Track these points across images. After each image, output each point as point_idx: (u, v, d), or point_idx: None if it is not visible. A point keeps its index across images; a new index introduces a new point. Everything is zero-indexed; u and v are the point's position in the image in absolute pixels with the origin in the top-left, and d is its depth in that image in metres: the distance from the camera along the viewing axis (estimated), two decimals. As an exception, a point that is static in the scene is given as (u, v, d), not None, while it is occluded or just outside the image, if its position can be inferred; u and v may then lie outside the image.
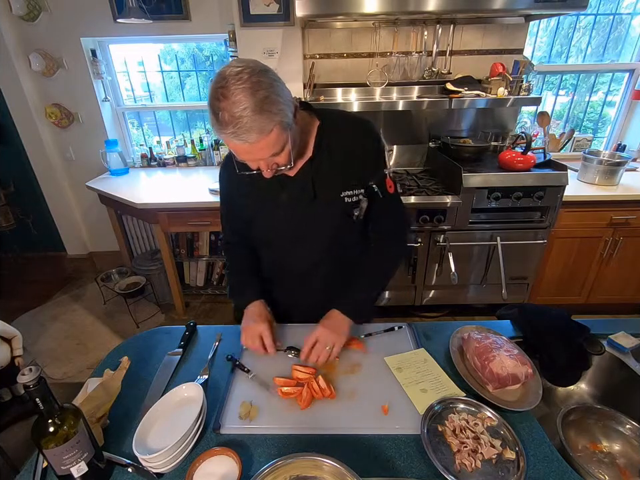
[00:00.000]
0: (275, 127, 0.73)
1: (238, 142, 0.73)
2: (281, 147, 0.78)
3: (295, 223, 0.98)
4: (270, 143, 0.75)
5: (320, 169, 0.93)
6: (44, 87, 2.60)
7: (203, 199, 2.17)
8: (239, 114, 0.69)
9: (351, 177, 0.95)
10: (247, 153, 0.78)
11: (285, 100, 0.75)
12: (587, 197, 2.09)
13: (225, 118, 0.70)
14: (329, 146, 0.93)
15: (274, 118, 0.72)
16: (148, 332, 1.14)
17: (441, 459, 0.71)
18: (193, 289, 2.84)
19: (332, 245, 1.01)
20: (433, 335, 1.07)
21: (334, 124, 0.94)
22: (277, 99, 0.72)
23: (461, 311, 2.56)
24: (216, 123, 0.72)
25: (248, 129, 0.70)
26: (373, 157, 0.96)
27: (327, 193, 0.94)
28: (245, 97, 0.69)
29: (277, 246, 1.07)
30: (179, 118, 2.97)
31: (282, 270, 1.11)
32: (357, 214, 0.97)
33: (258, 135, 0.72)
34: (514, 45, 2.31)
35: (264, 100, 0.70)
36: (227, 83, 0.69)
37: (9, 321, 0.85)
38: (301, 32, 2.22)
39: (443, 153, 2.30)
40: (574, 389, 1.04)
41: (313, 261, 1.05)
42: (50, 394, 0.62)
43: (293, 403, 0.86)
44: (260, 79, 0.70)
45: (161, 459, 0.69)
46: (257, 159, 0.81)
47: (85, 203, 2.98)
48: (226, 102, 0.69)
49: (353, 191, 0.95)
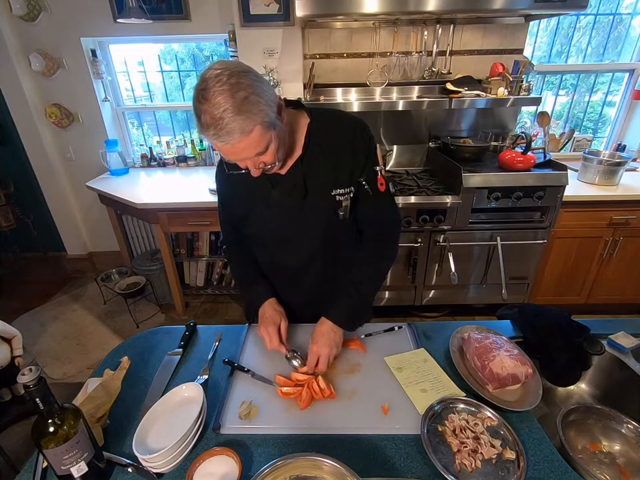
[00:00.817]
0: (255, 127, 0.73)
1: (220, 143, 0.74)
2: (264, 146, 0.78)
3: (285, 221, 0.99)
4: (252, 143, 0.76)
5: (310, 167, 0.93)
6: (44, 86, 2.60)
7: (202, 199, 2.17)
8: (219, 115, 0.70)
9: (341, 176, 0.94)
10: (231, 153, 0.79)
11: (267, 100, 0.75)
12: (586, 197, 2.09)
13: (207, 120, 0.71)
14: (319, 144, 0.93)
15: (254, 118, 0.72)
16: (148, 332, 1.14)
17: (440, 459, 0.71)
18: (193, 289, 2.84)
19: (323, 243, 1.01)
20: (432, 335, 1.07)
21: (324, 122, 0.94)
22: (256, 99, 0.72)
23: (461, 311, 2.56)
24: (199, 125, 0.73)
25: (228, 130, 0.71)
26: (364, 154, 0.95)
27: (318, 191, 0.95)
28: (224, 99, 0.69)
29: (269, 245, 1.07)
30: (179, 118, 2.97)
31: (274, 269, 1.11)
32: (342, 213, 0.97)
33: (239, 136, 0.72)
34: (514, 45, 2.31)
35: (243, 101, 0.70)
36: (207, 85, 0.70)
37: (9, 321, 0.85)
38: (301, 32, 2.22)
39: (443, 153, 2.30)
40: (574, 389, 1.04)
41: (304, 259, 1.05)
42: (50, 394, 0.62)
43: (293, 403, 0.86)
44: (239, 80, 0.71)
45: (160, 458, 0.69)
46: (242, 159, 0.81)
47: (85, 203, 2.98)
48: (207, 104, 0.70)
49: (344, 189, 0.95)
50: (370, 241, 1.06)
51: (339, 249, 1.05)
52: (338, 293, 1.02)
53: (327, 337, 0.95)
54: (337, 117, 0.98)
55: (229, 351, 1.03)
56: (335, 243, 1.03)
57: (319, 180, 0.94)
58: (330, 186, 0.94)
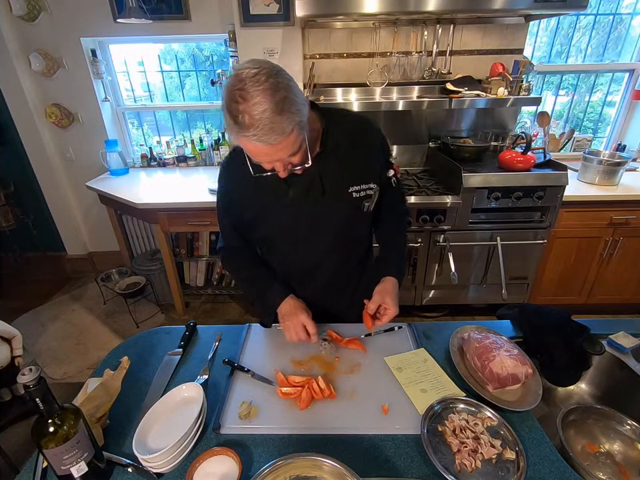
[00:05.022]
0: (294, 127, 0.73)
1: (259, 143, 0.72)
2: (298, 146, 0.79)
3: (301, 220, 0.99)
4: (289, 144, 0.76)
5: (326, 166, 0.94)
6: (44, 87, 2.60)
7: (202, 199, 2.17)
8: (259, 116, 0.69)
9: (357, 173, 0.97)
10: (266, 154, 0.77)
11: (301, 99, 0.75)
12: (586, 197, 2.09)
13: (246, 120, 0.69)
14: (334, 143, 0.94)
15: (293, 118, 0.72)
16: (148, 332, 1.14)
17: (440, 459, 0.71)
18: (192, 289, 2.84)
19: (337, 241, 1.03)
20: (432, 335, 1.07)
21: (337, 122, 0.96)
22: (294, 99, 0.72)
23: (461, 311, 2.56)
24: (235, 126, 0.72)
25: (269, 130, 0.70)
26: (381, 151, 1.01)
27: (335, 189, 0.96)
28: (265, 99, 0.69)
29: (281, 245, 1.06)
30: (179, 118, 2.97)
31: (284, 269, 1.11)
32: (367, 204, 1.00)
33: (279, 136, 0.72)
34: (514, 45, 2.31)
35: (283, 100, 0.70)
36: (245, 85, 0.69)
37: (9, 321, 0.85)
38: (301, 32, 2.22)
39: (443, 153, 2.30)
40: (574, 389, 1.04)
41: (318, 258, 1.05)
42: (50, 394, 0.62)
43: (293, 403, 0.86)
44: (277, 79, 0.70)
45: (160, 458, 0.69)
46: (275, 160, 0.80)
47: (85, 203, 2.97)
48: (245, 104, 0.69)
49: (360, 186, 0.97)
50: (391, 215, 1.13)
51: (354, 244, 1.08)
52: (385, 254, 1.11)
53: (397, 297, 1.01)
54: (348, 117, 1.01)
55: (229, 351, 1.03)
56: (349, 241, 1.05)
57: (335, 178, 0.96)
58: (346, 183, 0.96)
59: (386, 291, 1.01)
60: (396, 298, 1.00)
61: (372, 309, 0.99)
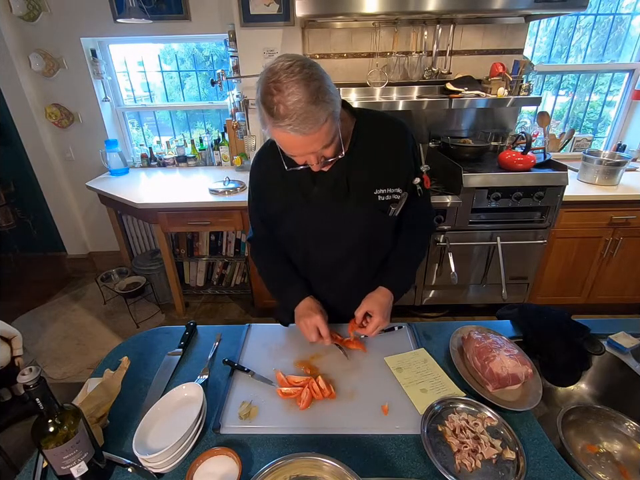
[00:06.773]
0: (328, 117, 0.74)
1: (293, 134, 0.73)
2: (331, 138, 0.79)
3: (324, 218, 0.98)
4: (323, 134, 0.76)
5: (354, 166, 0.94)
6: (44, 86, 2.60)
7: (202, 199, 2.17)
8: (293, 106, 0.70)
9: (385, 176, 0.96)
10: (300, 146, 0.78)
11: (334, 90, 0.76)
12: (586, 197, 2.09)
13: (281, 111, 0.71)
14: (364, 144, 0.94)
15: (327, 107, 0.73)
16: (148, 332, 1.14)
17: (440, 459, 0.71)
18: (193, 289, 2.84)
19: (360, 243, 1.02)
20: (432, 335, 1.07)
21: (370, 123, 0.96)
22: (328, 89, 0.74)
23: (461, 311, 2.55)
24: (270, 118, 0.73)
25: (303, 119, 0.71)
26: (411, 156, 0.98)
27: (360, 190, 0.95)
28: (299, 89, 0.70)
29: (304, 242, 1.05)
30: (179, 118, 2.97)
31: (306, 267, 1.10)
32: (393, 209, 0.98)
33: (313, 126, 0.72)
34: (514, 45, 2.31)
35: (318, 90, 0.71)
36: (279, 77, 0.70)
37: (9, 321, 0.85)
38: (301, 32, 2.22)
39: (443, 153, 2.30)
40: (574, 389, 1.04)
41: (340, 258, 1.05)
42: (50, 394, 0.62)
43: (293, 403, 0.86)
44: (311, 70, 0.72)
45: (160, 458, 0.69)
46: (308, 152, 0.80)
47: (85, 202, 2.97)
48: (280, 95, 0.70)
49: (386, 190, 0.96)
50: (412, 229, 1.10)
51: (376, 247, 1.06)
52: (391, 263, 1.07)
53: (388, 308, 0.99)
54: (381, 118, 0.99)
55: (229, 351, 1.03)
56: (372, 242, 1.04)
57: (362, 179, 0.95)
58: (372, 185, 0.95)
59: (374, 299, 0.99)
60: (385, 309, 0.98)
61: (358, 318, 0.98)
